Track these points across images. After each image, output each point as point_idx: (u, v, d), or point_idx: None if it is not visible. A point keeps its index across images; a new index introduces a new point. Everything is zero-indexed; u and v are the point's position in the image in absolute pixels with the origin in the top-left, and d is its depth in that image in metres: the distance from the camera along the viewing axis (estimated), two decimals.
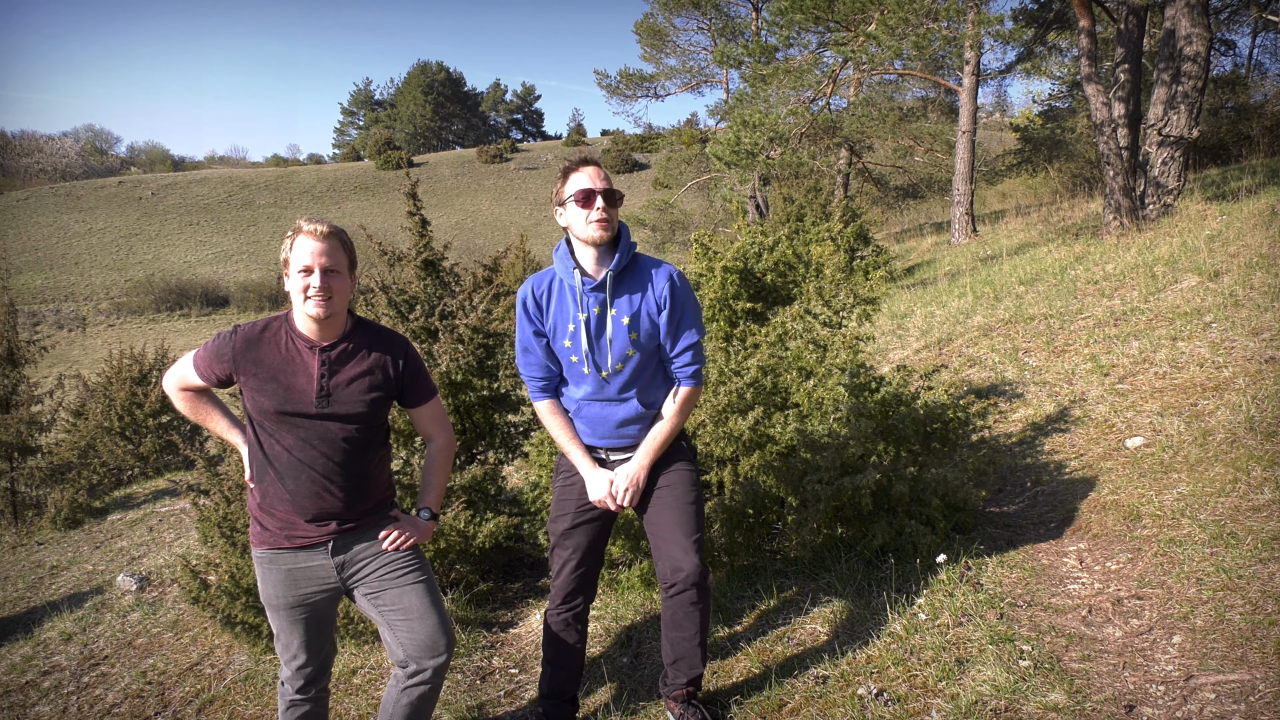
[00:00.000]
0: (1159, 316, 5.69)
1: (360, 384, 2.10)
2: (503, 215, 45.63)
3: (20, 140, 62.03)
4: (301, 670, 2.21)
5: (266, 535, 2.12)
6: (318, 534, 2.11)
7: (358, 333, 2.15)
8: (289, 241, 2.07)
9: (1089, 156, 18.14)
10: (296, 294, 2.05)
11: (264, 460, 2.10)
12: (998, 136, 36.33)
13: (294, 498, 2.08)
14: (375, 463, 2.18)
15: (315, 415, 2.06)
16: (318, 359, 2.08)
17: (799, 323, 3.95)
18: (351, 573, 2.16)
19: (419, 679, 2.11)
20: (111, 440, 9.18)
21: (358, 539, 2.16)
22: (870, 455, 3.45)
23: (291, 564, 2.11)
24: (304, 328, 2.10)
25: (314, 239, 2.03)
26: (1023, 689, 2.34)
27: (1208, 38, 8.98)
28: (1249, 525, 3.01)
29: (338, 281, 2.05)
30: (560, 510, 2.46)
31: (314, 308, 2.03)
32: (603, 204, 2.25)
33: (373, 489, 2.17)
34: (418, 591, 2.14)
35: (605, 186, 2.26)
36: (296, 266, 2.04)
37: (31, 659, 4.18)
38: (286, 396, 2.05)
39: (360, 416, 2.10)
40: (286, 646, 2.19)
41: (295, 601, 2.13)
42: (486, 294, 3.92)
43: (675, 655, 2.44)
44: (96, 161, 66.94)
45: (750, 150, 12.02)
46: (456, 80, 78.65)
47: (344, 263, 2.08)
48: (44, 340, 8.63)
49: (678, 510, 2.39)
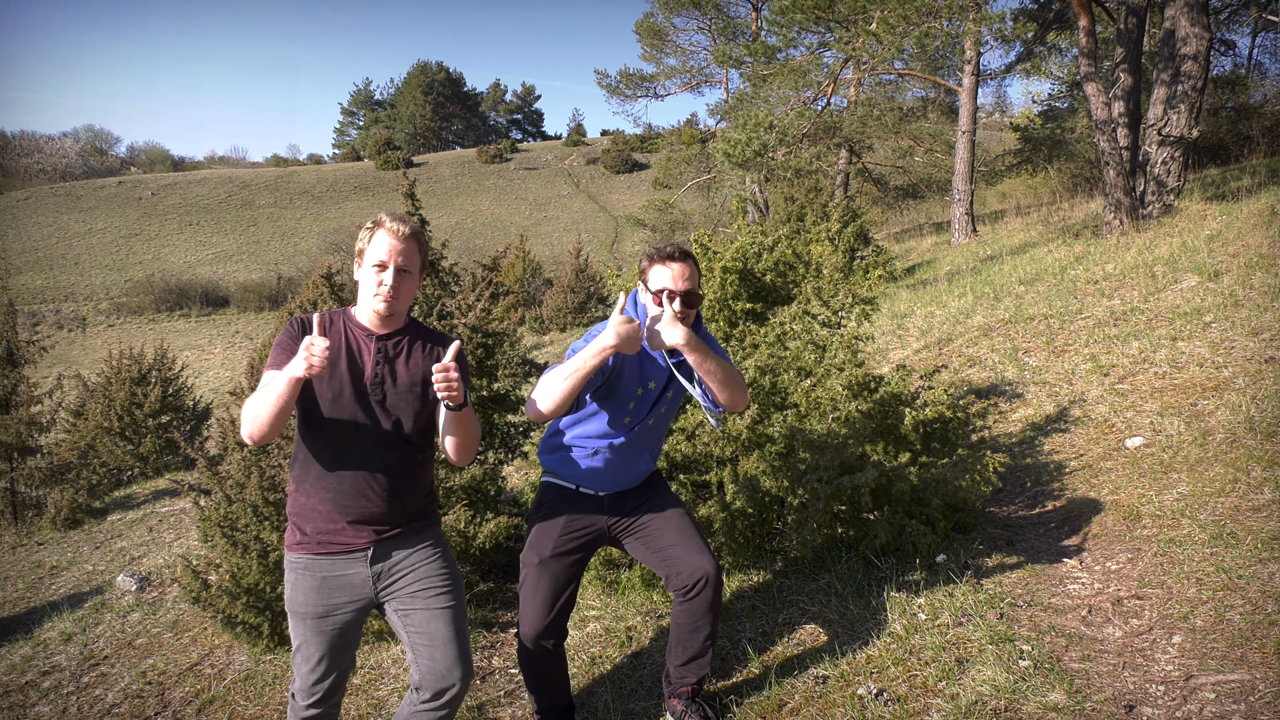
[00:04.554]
0: (1159, 316, 5.69)
1: (415, 375, 2.10)
2: (503, 215, 45.62)
3: (20, 140, 61.99)
4: (318, 684, 2.14)
5: (305, 540, 2.08)
6: (358, 540, 2.07)
7: (412, 329, 2.17)
8: (368, 234, 2.07)
9: (1089, 156, 18.13)
10: (367, 286, 2.06)
11: (308, 458, 2.08)
12: (998, 136, 36.31)
13: (336, 497, 2.05)
14: (418, 463, 2.16)
15: (370, 404, 2.05)
16: (374, 347, 2.09)
17: (798, 323, 3.95)
18: (387, 584, 2.11)
19: (430, 706, 2.08)
20: (111, 440, 9.19)
21: (398, 546, 2.12)
22: (870, 455, 3.45)
23: (328, 571, 2.07)
24: (365, 320, 2.11)
25: (394, 238, 2.04)
26: (1023, 689, 2.34)
27: (1207, 38, 8.98)
28: (1249, 525, 3.01)
29: (407, 282, 2.08)
30: (541, 539, 2.39)
31: (380, 303, 2.05)
32: (680, 306, 2.24)
33: (414, 492, 2.15)
34: (445, 618, 2.11)
35: (686, 288, 2.24)
36: (372, 260, 2.04)
37: (31, 659, 4.18)
38: (344, 383, 2.04)
39: (412, 409, 2.09)
40: (307, 658, 2.12)
41: (324, 611, 2.08)
42: (485, 293, 3.92)
43: (688, 657, 2.44)
44: (96, 161, 66.90)
45: (756, 151, 12.03)
46: (456, 80, 78.62)
47: (417, 264, 2.11)
48: (44, 340, 8.64)
49: (678, 521, 2.42)
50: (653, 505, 2.45)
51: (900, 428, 3.52)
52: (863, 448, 3.40)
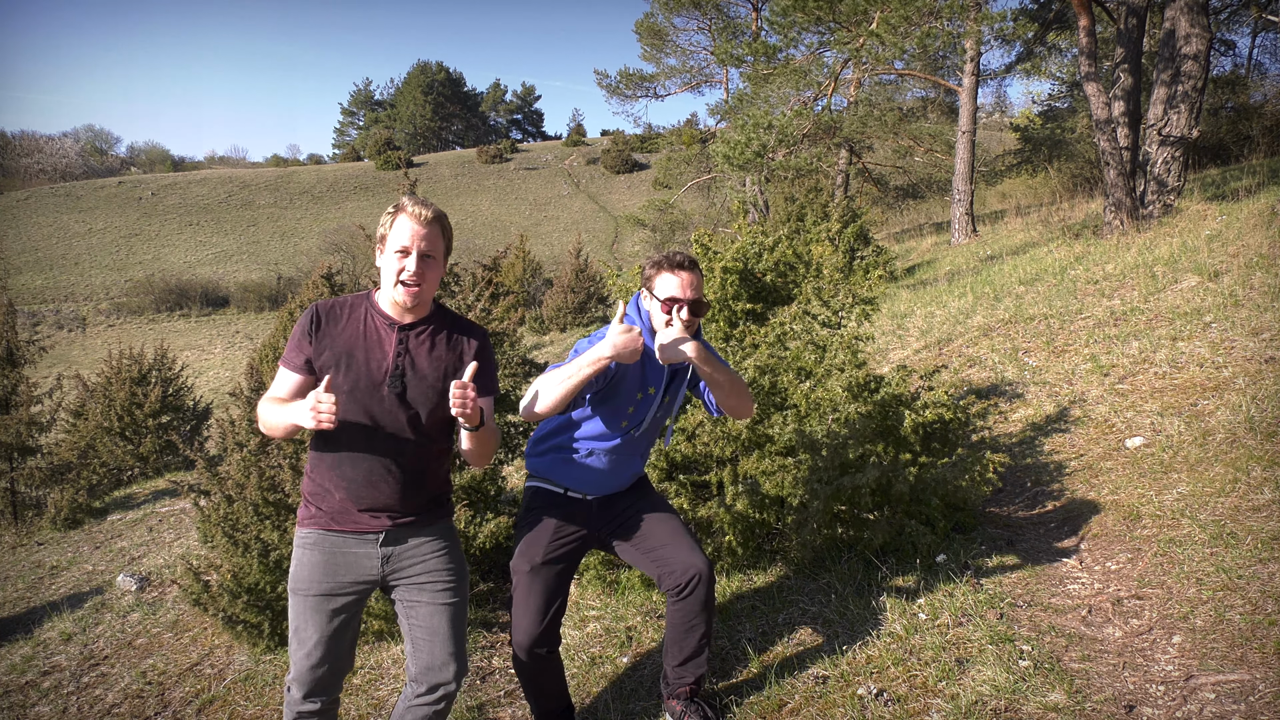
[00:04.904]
0: (1159, 316, 5.69)
1: (436, 366, 2.04)
2: (503, 215, 45.62)
3: (20, 140, 61.98)
4: (314, 670, 2.04)
5: (318, 515, 2.04)
6: (372, 525, 2.04)
7: (438, 317, 2.10)
8: (389, 219, 2.00)
9: (1089, 156, 18.13)
10: (389, 273, 1.99)
11: (323, 444, 2.03)
12: (998, 136, 36.32)
13: (350, 486, 2.00)
14: (435, 455, 2.10)
15: (386, 394, 1.99)
16: (395, 337, 2.03)
17: (798, 323, 3.95)
18: (396, 569, 2.07)
19: (424, 700, 2.06)
20: (111, 440, 9.19)
21: (412, 533, 2.08)
22: (870, 455, 3.45)
23: (338, 549, 2.03)
24: (388, 307, 2.05)
25: (416, 222, 1.97)
26: (1023, 689, 2.34)
27: (1207, 38, 8.98)
28: (1249, 525, 3.01)
29: (432, 268, 2.01)
30: (531, 546, 2.37)
31: (404, 293, 1.98)
32: (687, 315, 2.23)
33: (430, 483, 2.10)
34: (447, 614, 2.08)
35: (694, 297, 2.23)
36: (394, 246, 1.98)
37: (31, 659, 4.18)
38: (361, 373, 1.99)
39: (431, 402, 2.03)
40: (303, 642, 2.03)
41: (328, 590, 2.02)
42: (485, 293, 3.92)
43: (684, 656, 2.44)
44: (96, 161, 66.90)
45: (756, 152, 12.02)
46: (456, 80, 78.63)
47: (441, 250, 2.03)
48: (44, 340, 8.65)
49: (668, 521, 2.44)
50: (641, 507, 2.45)
51: (900, 428, 3.51)
52: (862, 448, 3.40)
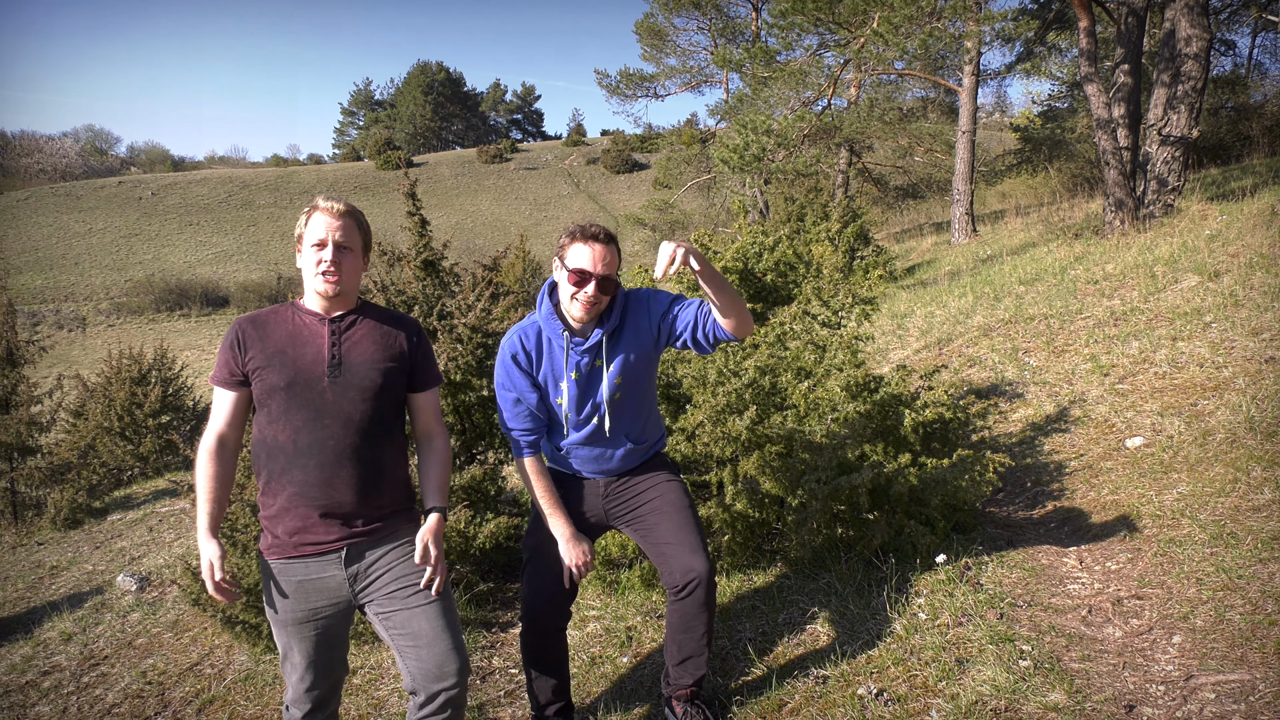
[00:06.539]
0: (1159, 316, 5.69)
1: (373, 352, 2.05)
2: (503, 215, 45.63)
3: (20, 140, 62.00)
4: (309, 693, 2.05)
5: (277, 544, 2.01)
6: (330, 539, 1.99)
7: (366, 309, 2.13)
8: (304, 218, 2.04)
9: (1089, 156, 18.14)
10: (308, 268, 2.02)
11: (270, 453, 2.00)
12: (998, 136, 36.33)
13: (303, 489, 1.97)
14: (390, 451, 2.07)
15: (327, 386, 1.99)
16: (328, 329, 2.04)
17: (798, 323, 3.95)
18: (364, 585, 2.03)
19: (429, 710, 1.98)
20: (111, 440, 9.19)
21: (372, 546, 2.04)
22: (869, 455, 3.45)
23: (303, 575, 2.00)
24: (313, 304, 2.07)
25: (329, 215, 2.02)
26: (1023, 689, 2.34)
27: (1207, 38, 8.98)
28: (1249, 525, 3.01)
29: (349, 259, 2.03)
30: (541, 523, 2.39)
31: (323, 283, 2.00)
32: (594, 290, 2.14)
33: (386, 483, 2.06)
34: (427, 614, 2.00)
35: (604, 273, 2.14)
36: (310, 241, 2.01)
37: (31, 659, 4.18)
38: (297, 368, 1.98)
39: (374, 387, 2.03)
40: (294, 666, 2.04)
41: (304, 616, 2.01)
42: (485, 293, 3.92)
43: (683, 656, 2.43)
44: (96, 161, 66.90)
45: (755, 155, 12.01)
46: (456, 80, 78.61)
47: (358, 242, 2.06)
48: (44, 340, 8.65)
49: (676, 515, 2.38)
50: (652, 495, 2.41)
51: (900, 428, 3.51)
52: (862, 448, 3.40)
